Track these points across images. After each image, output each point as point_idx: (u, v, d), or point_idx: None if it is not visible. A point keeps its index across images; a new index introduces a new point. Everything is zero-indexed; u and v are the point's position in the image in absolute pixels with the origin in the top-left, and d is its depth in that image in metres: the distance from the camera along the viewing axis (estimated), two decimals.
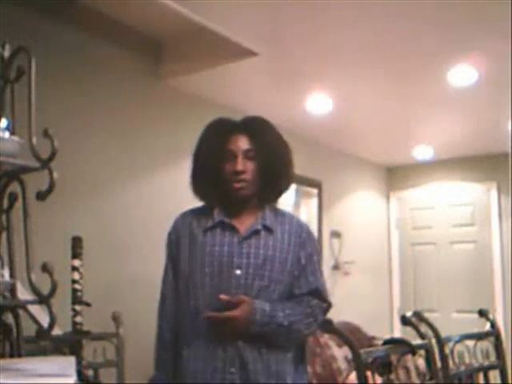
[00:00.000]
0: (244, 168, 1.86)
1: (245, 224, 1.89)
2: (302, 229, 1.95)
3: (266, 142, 1.91)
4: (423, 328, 2.37)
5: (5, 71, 1.80)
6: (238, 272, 1.83)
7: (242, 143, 1.91)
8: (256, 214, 1.91)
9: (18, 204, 1.78)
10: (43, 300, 1.69)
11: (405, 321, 2.36)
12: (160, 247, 3.65)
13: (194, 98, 3.97)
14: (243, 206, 1.91)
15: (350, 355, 2.05)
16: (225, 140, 1.92)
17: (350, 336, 2.00)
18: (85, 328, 2.42)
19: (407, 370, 3.50)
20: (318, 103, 4.27)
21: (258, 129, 1.96)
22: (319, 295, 1.89)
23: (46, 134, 1.70)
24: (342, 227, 5.53)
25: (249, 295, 1.81)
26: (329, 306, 1.92)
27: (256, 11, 2.96)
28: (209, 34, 3.16)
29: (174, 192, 3.83)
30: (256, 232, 1.87)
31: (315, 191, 5.29)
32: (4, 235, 1.81)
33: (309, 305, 1.87)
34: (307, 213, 5.19)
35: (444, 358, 2.37)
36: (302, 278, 1.88)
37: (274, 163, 1.90)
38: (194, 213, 2.00)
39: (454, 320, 5.71)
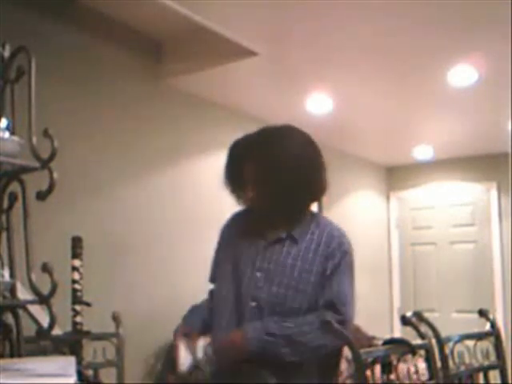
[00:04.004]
0: (253, 194, 1.93)
1: (272, 232, 1.94)
2: (332, 239, 1.94)
3: (273, 164, 1.91)
4: (423, 328, 2.36)
5: (5, 71, 1.79)
6: (258, 275, 1.89)
7: (249, 169, 1.94)
8: (285, 223, 1.95)
9: (18, 204, 1.78)
10: (43, 300, 1.69)
11: (405, 321, 2.36)
12: (159, 247, 3.67)
13: (194, 97, 3.97)
14: (273, 218, 1.96)
15: (350, 355, 2.04)
16: (235, 169, 1.99)
17: (349, 336, 1.99)
18: (85, 328, 2.42)
19: (407, 370, 3.49)
20: (318, 103, 4.27)
21: (263, 152, 1.94)
22: (333, 307, 1.85)
23: (45, 133, 1.69)
24: (342, 227, 5.51)
25: (267, 299, 1.86)
26: (343, 318, 1.85)
27: (256, 11, 2.96)
28: (209, 33, 3.16)
29: (173, 191, 3.83)
30: (280, 240, 1.92)
31: None
32: (4, 235, 1.80)
33: (318, 317, 1.83)
34: None
35: (444, 358, 2.36)
36: (325, 289, 1.88)
37: (286, 180, 1.90)
38: (240, 215, 2.10)
39: (453, 320, 5.71)
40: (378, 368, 2.15)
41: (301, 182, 1.92)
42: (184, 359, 1.80)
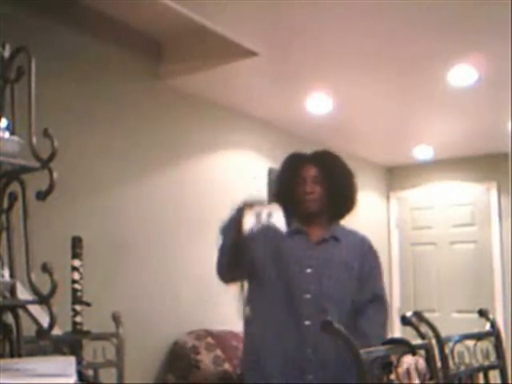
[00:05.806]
0: (312, 190, 2.29)
1: (316, 234, 2.30)
2: (363, 242, 2.36)
3: (330, 170, 2.33)
4: (423, 328, 2.37)
5: (5, 71, 1.79)
6: (309, 271, 2.21)
7: (311, 171, 2.32)
8: (326, 227, 2.33)
9: (18, 204, 1.78)
10: (43, 300, 1.69)
11: (405, 321, 2.36)
12: (159, 247, 3.67)
13: (194, 98, 3.97)
14: (314, 220, 2.31)
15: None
16: (298, 170, 2.34)
17: (350, 336, 1.99)
18: (85, 328, 2.42)
19: (407, 370, 3.50)
20: (318, 103, 4.27)
21: (324, 160, 2.36)
22: (380, 299, 2.27)
23: (45, 133, 1.69)
24: None
25: (319, 291, 2.18)
26: (387, 306, 2.33)
27: (256, 11, 2.96)
28: (209, 34, 3.16)
29: (173, 191, 3.83)
30: (325, 240, 2.29)
31: None
32: (4, 235, 1.80)
33: (382, 308, 2.28)
34: None
35: (444, 358, 2.36)
36: (365, 285, 2.26)
37: (338, 187, 2.32)
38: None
39: (453, 320, 5.71)
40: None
41: (349, 193, 2.36)
42: (248, 223, 2.06)
